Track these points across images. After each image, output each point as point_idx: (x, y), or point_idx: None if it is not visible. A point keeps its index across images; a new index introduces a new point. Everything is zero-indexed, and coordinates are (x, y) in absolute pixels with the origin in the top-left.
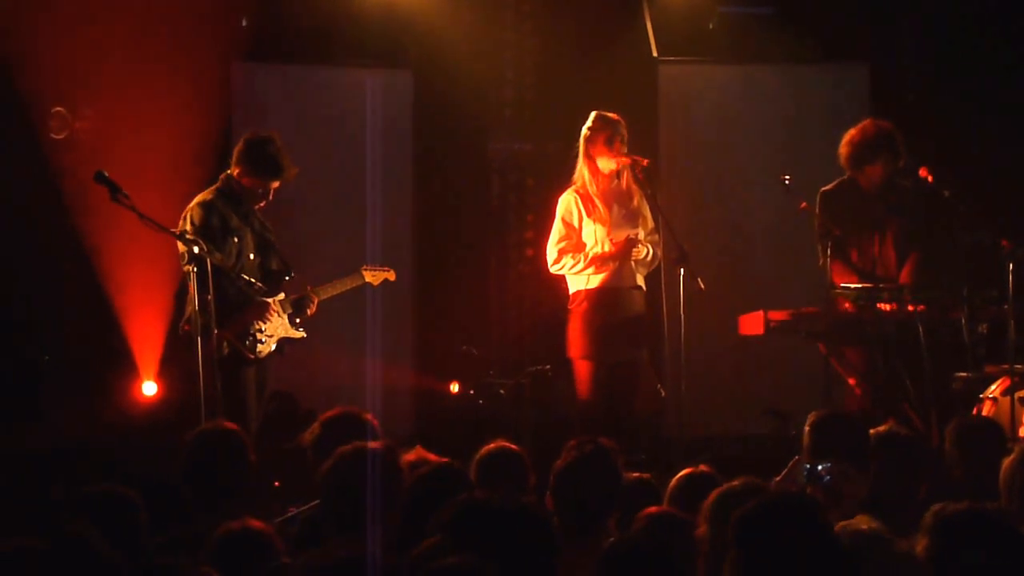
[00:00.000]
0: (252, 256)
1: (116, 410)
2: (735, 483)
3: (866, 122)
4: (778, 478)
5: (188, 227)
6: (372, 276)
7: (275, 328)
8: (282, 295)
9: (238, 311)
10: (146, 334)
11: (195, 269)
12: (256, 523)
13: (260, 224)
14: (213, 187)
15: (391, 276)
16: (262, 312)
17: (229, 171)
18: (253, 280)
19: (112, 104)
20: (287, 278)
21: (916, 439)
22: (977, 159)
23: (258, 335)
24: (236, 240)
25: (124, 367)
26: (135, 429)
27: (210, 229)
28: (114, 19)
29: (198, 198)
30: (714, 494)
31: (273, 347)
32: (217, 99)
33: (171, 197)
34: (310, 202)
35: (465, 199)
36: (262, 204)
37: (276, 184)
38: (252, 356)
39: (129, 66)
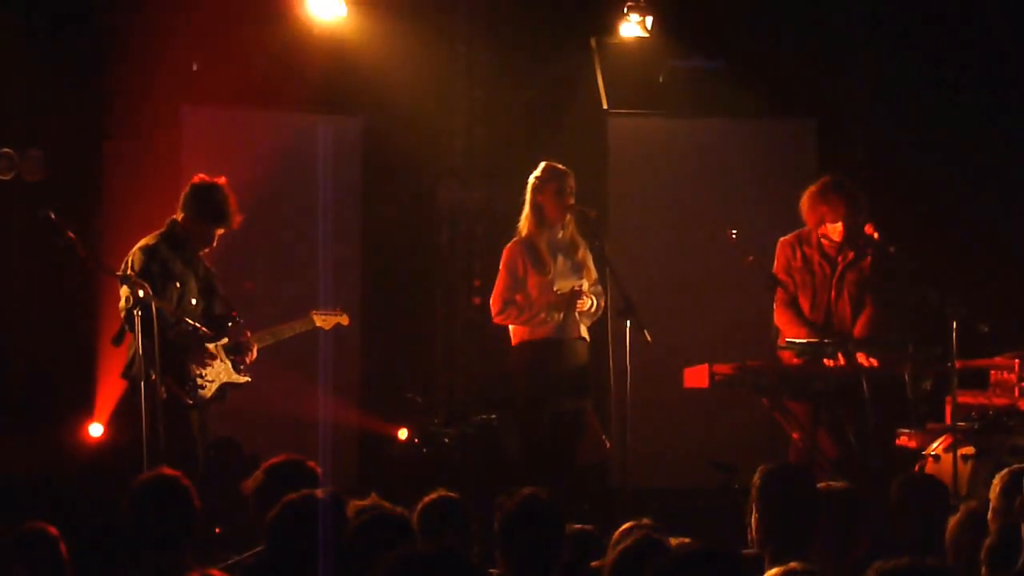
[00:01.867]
0: (195, 301)
1: (58, 449)
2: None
3: (826, 177)
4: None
5: (129, 271)
6: (323, 320)
7: (216, 373)
8: (225, 340)
9: (179, 356)
10: (107, 375)
11: (139, 313)
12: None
13: (205, 269)
14: (158, 231)
15: (344, 320)
16: (202, 357)
17: (175, 216)
18: (197, 324)
19: (61, 145)
20: (231, 324)
21: (856, 495)
22: (924, 215)
23: (198, 380)
24: (178, 285)
25: (79, 407)
26: (77, 469)
27: (150, 275)
28: (62, 60)
29: (141, 242)
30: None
31: (214, 392)
32: (167, 142)
33: (119, 240)
34: (258, 246)
35: (414, 246)
36: (206, 250)
37: (220, 231)
38: (191, 402)
39: (79, 107)
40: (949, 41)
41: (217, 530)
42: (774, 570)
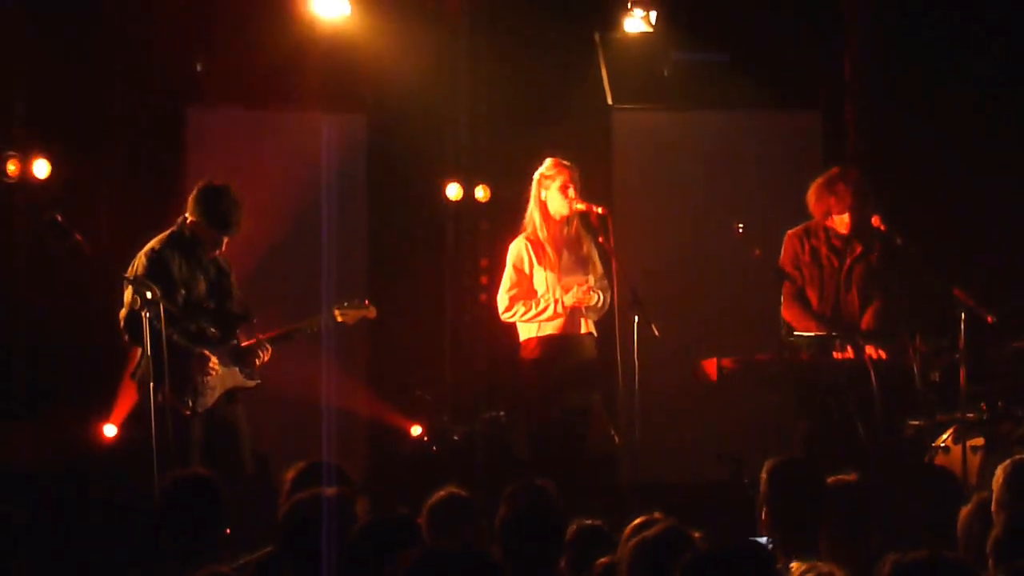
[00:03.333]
0: (204, 304)
1: (71, 447)
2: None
3: (834, 169)
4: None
5: (135, 275)
6: (345, 316)
7: (219, 380)
8: (234, 342)
9: (180, 363)
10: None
11: (147, 315)
12: (221, 568)
13: (217, 270)
14: (166, 233)
15: (370, 314)
16: (202, 365)
17: (185, 215)
18: (205, 326)
19: (66, 147)
20: (244, 323)
21: (866, 487)
22: (930, 207)
23: (199, 387)
24: (183, 291)
25: (97, 407)
26: (88, 468)
27: (153, 279)
28: (66, 62)
29: (148, 245)
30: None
31: (219, 398)
32: (171, 143)
33: (124, 241)
34: (264, 245)
35: (419, 244)
36: (215, 253)
37: (227, 237)
38: (188, 412)
39: (83, 108)
40: (955, 31)
41: (227, 531)
42: (798, 564)
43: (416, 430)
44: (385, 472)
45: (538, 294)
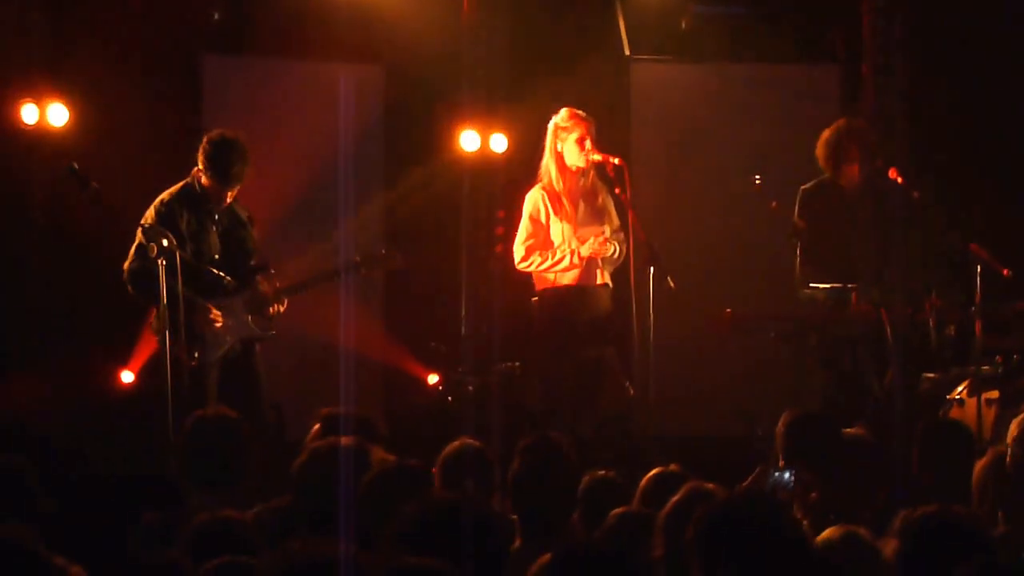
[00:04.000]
0: (217, 256)
1: (86, 391)
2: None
3: (840, 121)
4: (743, 486)
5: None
6: (366, 265)
7: (229, 330)
8: (249, 292)
9: (188, 315)
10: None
11: (163, 263)
12: (233, 513)
13: (231, 221)
14: (179, 185)
15: (395, 263)
16: (204, 316)
17: (196, 167)
18: (221, 274)
19: (83, 96)
20: (261, 274)
21: (877, 443)
22: (949, 162)
23: (207, 339)
24: (192, 245)
25: (118, 354)
26: (101, 412)
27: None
28: (84, 11)
29: (159, 198)
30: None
31: (230, 348)
32: (188, 92)
33: (141, 191)
34: (282, 195)
35: (436, 195)
36: (222, 205)
37: (232, 190)
38: (194, 363)
39: (100, 57)
40: None
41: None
42: (832, 530)
43: (433, 378)
44: (400, 423)
45: (554, 245)
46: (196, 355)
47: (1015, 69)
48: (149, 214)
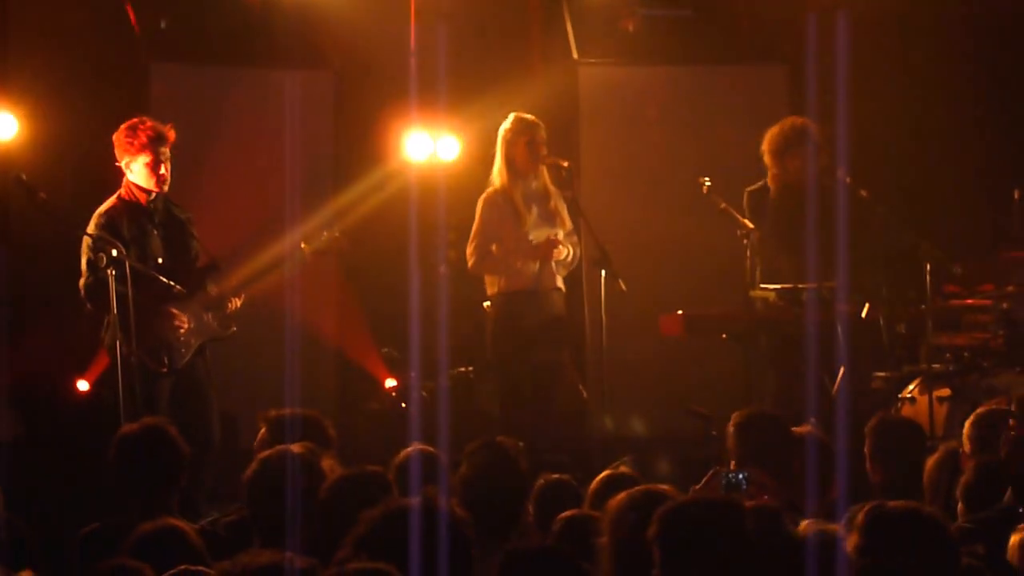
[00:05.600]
0: (161, 260)
1: (38, 400)
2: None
3: (785, 119)
4: (697, 487)
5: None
6: (310, 245)
7: (194, 334)
8: (202, 294)
9: (149, 323)
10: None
11: (113, 272)
12: (176, 522)
13: (171, 223)
14: (113, 197)
15: (339, 242)
16: (169, 322)
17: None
18: (171, 283)
19: (30, 106)
20: (211, 275)
21: (827, 441)
22: (896, 160)
23: (174, 344)
24: (135, 250)
25: (68, 362)
26: (52, 422)
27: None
28: (30, 21)
29: (97, 211)
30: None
31: (193, 350)
32: (137, 101)
33: (90, 200)
34: (229, 203)
35: (386, 200)
36: (154, 196)
37: (148, 160)
38: (164, 369)
39: (48, 66)
40: None
41: None
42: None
43: (391, 382)
44: (353, 429)
45: (507, 248)
46: (166, 361)
47: (961, 67)
48: (91, 227)
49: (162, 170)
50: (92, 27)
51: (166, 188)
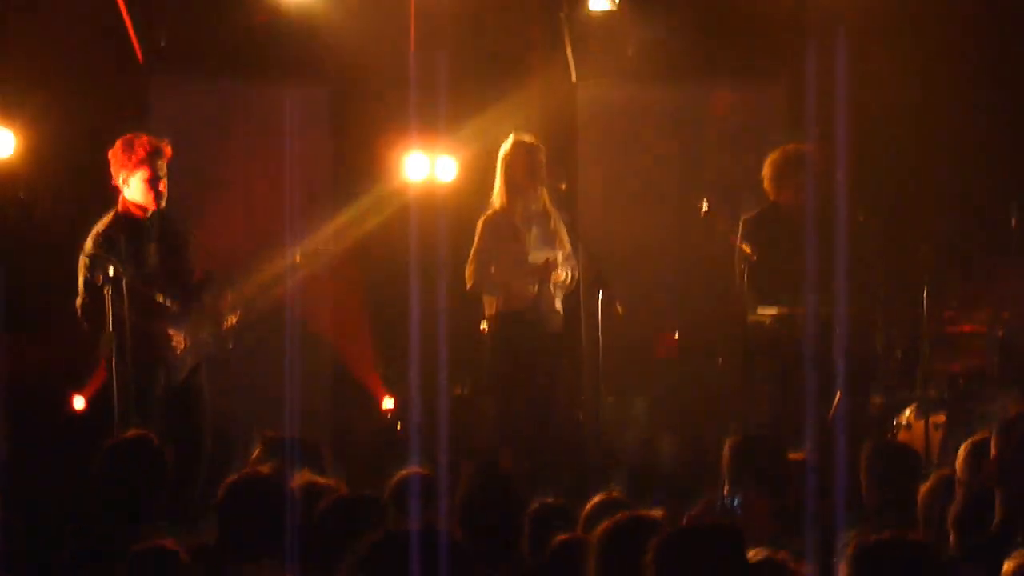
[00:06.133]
0: (158, 277)
1: (33, 417)
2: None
3: (788, 145)
4: (691, 513)
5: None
6: (303, 256)
7: (191, 351)
8: (198, 310)
9: (146, 341)
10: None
11: (110, 291)
12: (168, 543)
13: (168, 238)
14: (110, 214)
15: (330, 248)
16: (166, 341)
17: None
18: (165, 301)
19: (29, 122)
20: (209, 289)
21: (823, 466)
22: (895, 182)
23: (171, 362)
24: (132, 267)
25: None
26: (47, 439)
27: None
28: (28, 35)
29: (94, 229)
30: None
31: (189, 369)
32: (135, 115)
33: (88, 216)
34: (227, 219)
35: (385, 219)
36: (151, 212)
37: (145, 176)
38: (160, 388)
39: (46, 82)
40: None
41: None
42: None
43: (389, 402)
44: (349, 450)
45: (506, 269)
46: (161, 379)
47: (955, 86)
48: (88, 246)
49: (160, 186)
50: (91, 44)
51: (163, 204)
